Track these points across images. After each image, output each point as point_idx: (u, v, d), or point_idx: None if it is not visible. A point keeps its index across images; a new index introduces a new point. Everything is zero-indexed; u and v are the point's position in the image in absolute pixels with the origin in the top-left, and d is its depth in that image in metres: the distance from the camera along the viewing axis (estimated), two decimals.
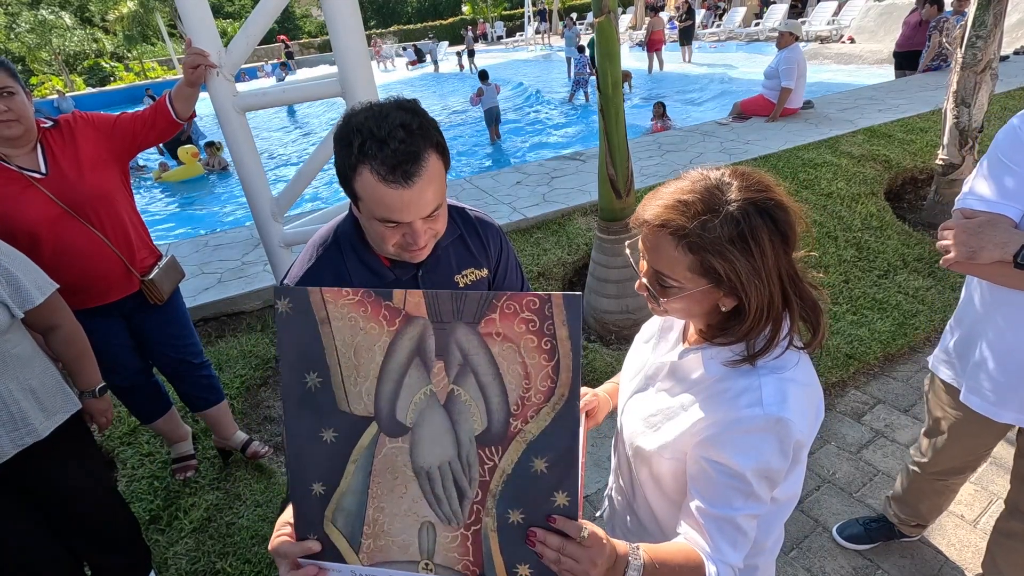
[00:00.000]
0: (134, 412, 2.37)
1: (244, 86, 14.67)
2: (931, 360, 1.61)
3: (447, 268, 1.15)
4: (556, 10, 27.54)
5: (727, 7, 20.82)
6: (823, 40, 15.35)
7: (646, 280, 0.89)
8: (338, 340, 0.76)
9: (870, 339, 2.97)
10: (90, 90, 25.09)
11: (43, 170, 1.81)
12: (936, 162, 3.97)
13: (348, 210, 1.10)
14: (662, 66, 14.45)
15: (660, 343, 1.03)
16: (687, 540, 0.87)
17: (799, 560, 1.98)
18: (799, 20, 15.88)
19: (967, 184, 1.30)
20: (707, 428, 0.85)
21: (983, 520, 2.05)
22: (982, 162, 1.28)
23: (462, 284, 1.17)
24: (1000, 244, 1.18)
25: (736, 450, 0.82)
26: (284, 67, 24.49)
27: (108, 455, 2.55)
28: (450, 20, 38.57)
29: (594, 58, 2.77)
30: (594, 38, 2.88)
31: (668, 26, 17.01)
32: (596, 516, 1.21)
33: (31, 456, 1.52)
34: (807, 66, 6.08)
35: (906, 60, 7.72)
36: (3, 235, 1.62)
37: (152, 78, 26.66)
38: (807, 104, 6.27)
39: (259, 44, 2.29)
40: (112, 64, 29.91)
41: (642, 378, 1.02)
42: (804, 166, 4.63)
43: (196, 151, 9.74)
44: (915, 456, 1.78)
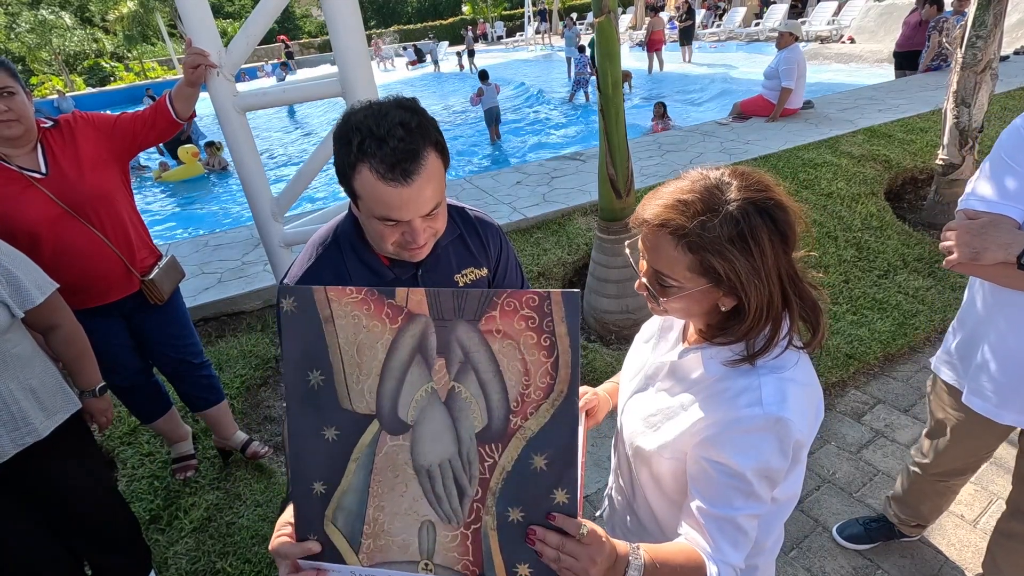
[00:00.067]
0: (134, 412, 2.38)
1: (244, 86, 14.67)
2: (933, 361, 1.61)
3: (447, 267, 1.15)
4: (556, 10, 27.53)
5: (727, 7, 20.81)
6: (823, 40, 15.35)
7: (646, 280, 0.89)
8: (341, 338, 0.76)
9: (870, 339, 2.97)
10: (90, 90, 25.11)
11: (43, 170, 1.81)
12: (936, 162, 3.97)
13: (348, 209, 1.10)
14: (662, 66, 14.44)
15: (660, 343, 1.03)
16: (688, 540, 0.87)
17: (799, 560, 1.98)
18: (799, 20, 15.88)
19: (970, 185, 1.30)
20: (707, 428, 0.85)
21: (983, 520, 2.05)
22: (985, 163, 1.27)
23: (462, 283, 1.16)
24: (1003, 245, 1.18)
25: (736, 450, 0.82)
26: (284, 67, 24.49)
27: (108, 455, 2.55)
28: (450, 20, 38.58)
29: (594, 58, 2.77)
30: (594, 38, 2.88)
31: (668, 26, 17.01)
32: (596, 516, 1.21)
33: (31, 456, 1.52)
34: (807, 66, 6.08)
35: (906, 60, 7.73)
36: (3, 235, 1.62)
37: (152, 78, 26.67)
38: (807, 104, 6.27)
39: (259, 44, 2.29)
40: (112, 64, 29.93)
41: (642, 378, 1.02)
42: (804, 166, 4.62)
43: (196, 151, 9.72)
44: (916, 457, 1.78)
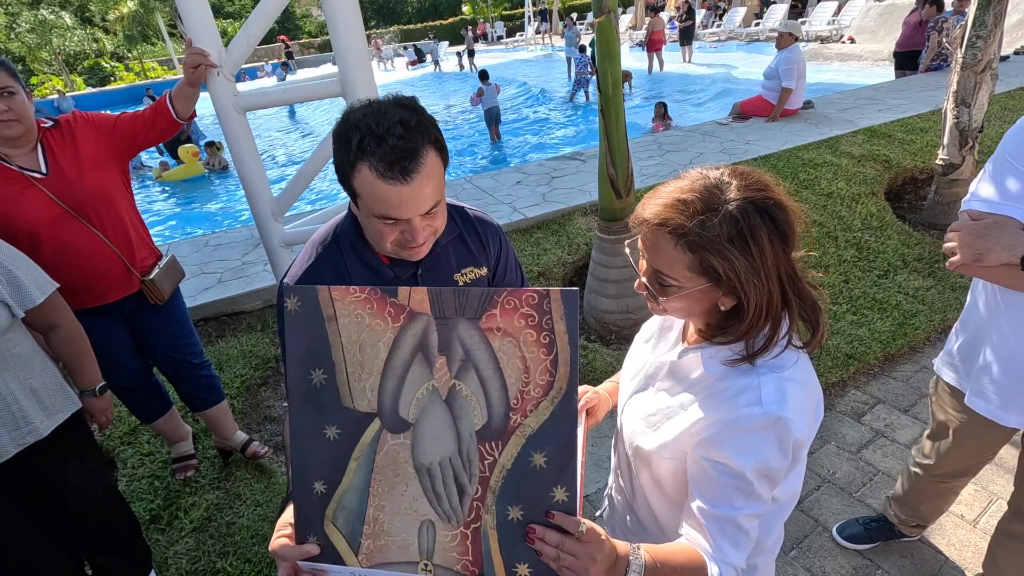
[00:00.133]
0: (134, 412, 2.38)
1: (244, 86, 14.68)
2: (936, 363, 1.60)
3: (446, 266, 1.15)
4: (556, 10, 27.52)
5: (727, 7, 20.81)
6: (823, 40, 15.35)
7: (645, 279, 0.89)
8: (344, 337, 0.77)
9: (870, 339, 2.97)
10: (90, 90, 25.11)
11: (43, 170, 1.81)
12: (936, 162, 3.97)
13: (348, 209, 1.10)
14: (662, 66, 14.44)
15: (660, 343, 1.03)
16: (689, 541, 0.87)
17: (799, 560, 1.98)
18: (799, 20, 15.89)
19: (974, 185, 1.29)
20: (707, 428, 0.85)
21: (983, 520, 2.05)
22: (989, 164, 1.26)
23: (461, 283, 1.16)
24: (1007, 246, 1.17)
25: (736, 449, 0.82)
26: (285, 67, 24.50)
27: (108, 455, 2.55)
28: (450, 20, 38.59)
29: (595, 58, 2.77)
30: (594, 38, 2.88)
31: (668, 26, 17.01)
32: (596, 515, 1.21)
33: (31, 455, 1.52)
34: (807, 66, 6.08)
35: (906, 60, 7.73)
36: (3, 235, 1.62)
37: (152, 78, 26.67)
38: (807, 104, 6.27)
39: (259, 44, 2.29)
40: (112, 64, 29.95)
41: (642, 378, 1.02)
42: (804, 166, 4.62)
43: (196, 150, 9.72)
44: (917, 458, 1.77)
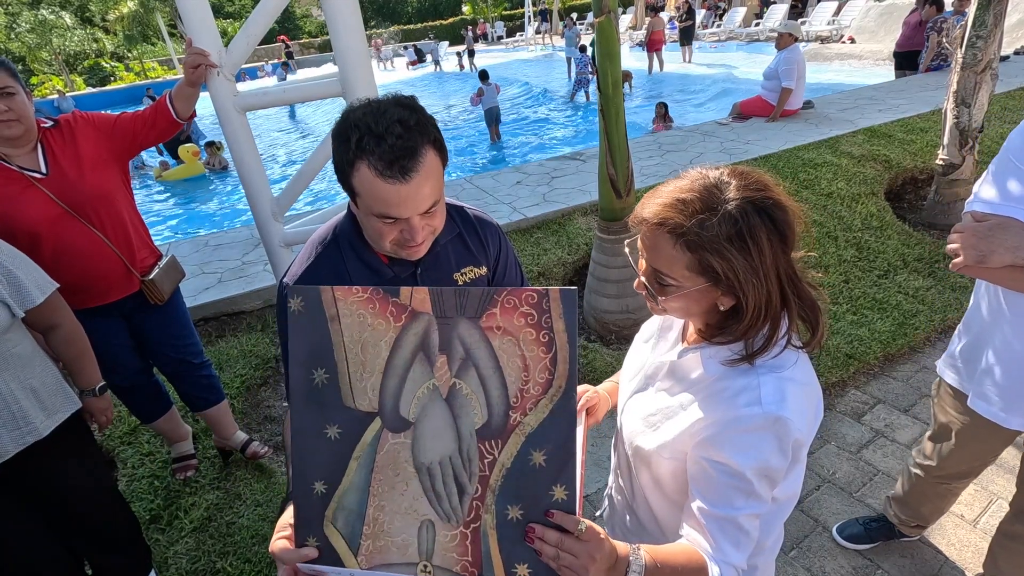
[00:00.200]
0: (134, 412, 2.38)
1: (244, 86, 14.67)
2: (939, 365, 1.60)
3: (446, 266, 1.15)
4: (556, 10, 27.52)
5: (727, 7, 20.82)
6: (823, 40, 15.35)
7: (644, 279, 0.90)
8: (346, 337, 0.77)
9: (870, 339, 2.97)
10: (90, 90, 25.11)
11: (43, 170, 1.81)
12: (936, 162, 3.97)
13: (347, 208, 1.10)
14: (662, 66, 14.44)
15: (660, 343, 1.03)
16: (689, 541, 0.87)
17: (799, 560, 1.98)
18: (799, 20, 15.89)
19: (977, 186, 1.28)
20: (706, 428, 0.85)
21: (983, 520, 2.05)
22: (993, 165, 1.26)
23: (461, 282, 1.16)
24: (1011, 248, 1.16)
25: (735, 449, 0.82)
26: (285, 67, 24.50)
27: (108, 454, 2.55)
28: (450, 20, 38.59)
29: (595, 58, 2.77)
30: (594, 38, 2.88)
31: (668, 26, 17.00)
32: (596, 516, 1.21)
33: (31, 455, 1.52)
34: (807, 66, 6.08)
35: (906, 60, 7.73)
36: (3, 235, 1.62)
37: (152, 78, 26.66)
38: (807, 104, 6.27)
39: (259, 44, 2.29)
40: (112, 64, 29.94)
41: (642, 378, 1.02)
42: (804, 166, 4.62)
43: (196, 150, 9.72)
44: (918, 459, 1.77)
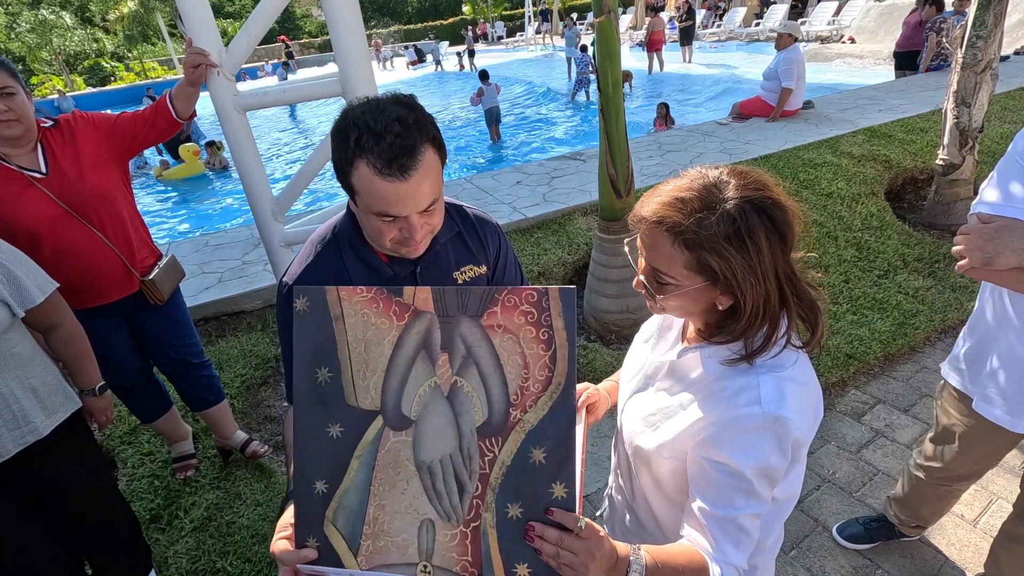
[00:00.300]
0: (135, 412, 2.38)
1: (244, 86, 14.67)
2: (943, 367, 1.59)
3: (445, 264, 1.15)
4: (557, 10, 27.51)
5: (727, 7, 20.81)
6: (823, 40, 15.35)
7: (643, 277, 0.90)
8: (350, 336, 0.78)
9: (870, 339, 2.97)
10: (90, 90, 25.10)
11: (43, 170, 1.81)
12: (936, 162, 3.97)
13: (346, 207, 1.10)
14: (662, 66, 14.44)
15: (659, 342, 1.03)
16: (690, 541, 0.87)
17: (799, 560, 1.98)
18: (799, 20, 15.89)
19: (983, 188, 1.27)
20: (706, 427, 0.85)
21: (983, 520, 2.05)
22: (999, 166, 1.25)
23: (461, 281, 1.17)
24: (1017, 250, 1.15)
25: (735, 449, 0.82)
26: (285, 67, 24.50)
27: (109, 454, 2.56)
28: (450, 20, 38.59)
29: (595, 58, 2.77)
30: (594, 38, 2.88)
31: (668, 26, 17.00)
32: (596, 515, 1.21)
33: (31, 455, 1.52)
34: (807, 67, 6.08)
35: (906, 60, 7.74)
36: (3, 235, 1.62)
37: (152, 78, 26.66)
38: (807, 104, 6.27)
39: (259, 44, 2.29)
40: (112, 64, 29.94)
41: (642, 377, 1.02)
42: (804, 166, 4.63)
43: (197, 149, 9.72)
44: (919, 460, 1.76)
